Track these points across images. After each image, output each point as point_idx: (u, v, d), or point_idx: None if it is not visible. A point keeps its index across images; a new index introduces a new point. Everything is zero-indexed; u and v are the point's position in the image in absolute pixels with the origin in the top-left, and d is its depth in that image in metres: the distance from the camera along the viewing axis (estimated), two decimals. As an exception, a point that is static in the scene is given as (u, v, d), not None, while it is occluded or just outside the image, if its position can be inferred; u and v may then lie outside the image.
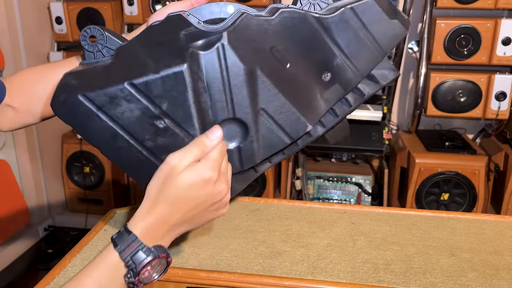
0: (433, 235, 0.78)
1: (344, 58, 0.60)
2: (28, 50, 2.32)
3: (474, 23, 1.99)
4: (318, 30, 0.58)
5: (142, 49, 0.55)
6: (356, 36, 0.59)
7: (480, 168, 2.04)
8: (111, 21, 2.34)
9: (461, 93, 2.06)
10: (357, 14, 0.59)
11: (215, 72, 0.53)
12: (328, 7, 0.60)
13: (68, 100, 0.53)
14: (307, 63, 0.59)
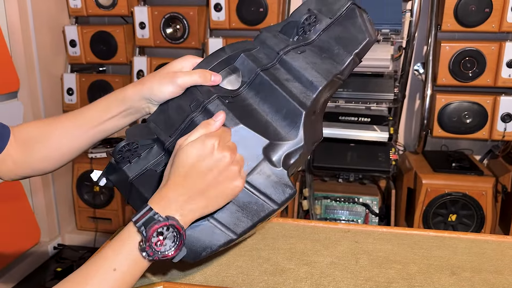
0: (435, 254, 0.79)
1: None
2: (43, 72, 2.38)
3: (479, 46, 2.02)
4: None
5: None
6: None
7: (488, 189, 2.04)
8: (123, 44, 2.41)
9: (467, 114, 2.07)
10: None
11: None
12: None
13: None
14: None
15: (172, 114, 0.69)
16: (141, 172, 0.67)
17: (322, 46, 0.72)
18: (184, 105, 0.68)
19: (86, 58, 2.47)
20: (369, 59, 2.10)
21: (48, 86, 2.44)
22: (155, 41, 2.35)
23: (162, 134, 0.67)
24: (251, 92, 0.69)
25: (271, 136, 0.65)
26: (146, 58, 2.38)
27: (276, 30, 0.76)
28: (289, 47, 0.71)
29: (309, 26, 0.73)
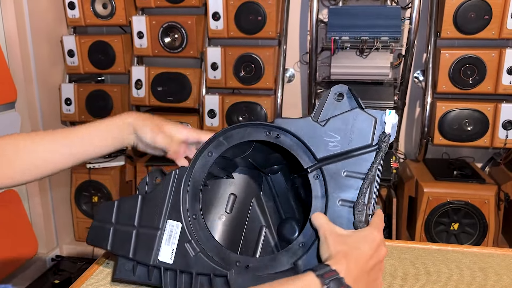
0: (437, 269, 0.77)
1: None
2: (41, 82, 2.37)
3: (479, 53, 2.00)
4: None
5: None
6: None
7: (490, 197, 2.01)
8: (122, 54, 2.39)
9: (467, 122, 2.05)
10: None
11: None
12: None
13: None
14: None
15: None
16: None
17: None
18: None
19: (84, 68, 2.46)
20: (369, 67, 2.10)
21: (46, 97, 2.42)
22: (153, 51, 2.34)
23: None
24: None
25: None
26: (144, 68, 2.36)
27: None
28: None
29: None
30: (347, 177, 0.65)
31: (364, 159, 0.65)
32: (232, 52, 2.24)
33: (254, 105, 2.27)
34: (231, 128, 0.72)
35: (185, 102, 2.35)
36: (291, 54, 2.40)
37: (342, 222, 0.63)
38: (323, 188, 0.66)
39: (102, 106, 2.45)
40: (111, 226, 0.74)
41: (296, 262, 0.65)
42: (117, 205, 0.74)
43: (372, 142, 0.65)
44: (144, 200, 0.73)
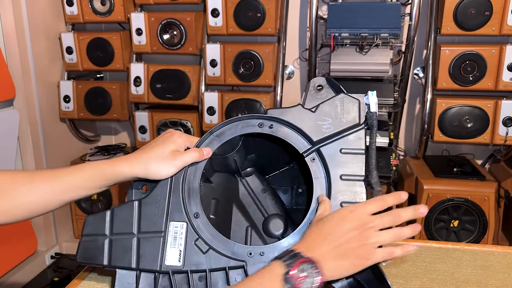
0: (438, 267, 0.77)
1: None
2: (39, 79, 2.36)
3: (479, 49, 1.99)
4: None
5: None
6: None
7: (490, 194, 2.01)
8: (120, 50, 2.38)
9: (468, 118, 2.05)
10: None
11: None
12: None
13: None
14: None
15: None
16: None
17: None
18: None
19: (83, 65, 2.44)
20: (369, 64, 2.09)
21: (44, 94, 2.41)
22: (152, 47, 2.33)
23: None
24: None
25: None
26: (143, 65, 2.35)
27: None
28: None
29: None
30: (344, 154, 0.70)
31: (357, 137, 0.71)
32: (231, 48, 2.23)
33: (254, 102, 2.26)
34: (223, 124, 0.73)
35: (184, 99, 2.35)
36: (291, 50, 2.39)
37: (345, 194, 0.68)
38: (322, 168, 0.70)
39: (101, 103, 2.45)
40: (105, 238, 0.70)
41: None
42: (109, 215, 0.71)
43: (360, 121, 0.71)
44: (140, 206, 0.71)
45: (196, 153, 0.72)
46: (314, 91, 0.74)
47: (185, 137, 0.74)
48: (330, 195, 0.68)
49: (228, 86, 2.36)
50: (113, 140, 2.83)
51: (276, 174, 0.89)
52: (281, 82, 2.26)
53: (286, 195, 0.89)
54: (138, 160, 0.70)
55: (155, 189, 0.71)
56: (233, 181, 0.85)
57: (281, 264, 0.59)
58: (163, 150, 0.71)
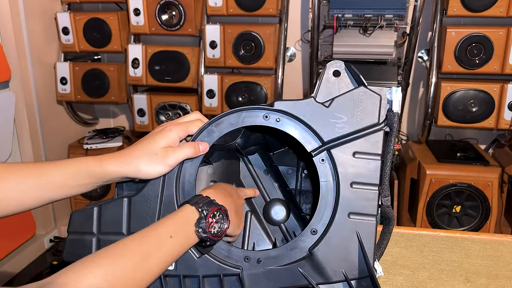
0: (446, 257, 0.74)
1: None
2: (35, 61, 2.31)
3: (486, 31, 1.94)
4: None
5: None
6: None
7: (494, 179, 1.98)
8: (118, 31, 2.33)
9: (472, 103, 2.01)
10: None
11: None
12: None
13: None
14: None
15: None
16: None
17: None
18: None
19: (80, 46, 2.39)
20: (372, 46, 2.04)
21: (41, 76, 2.37)
22: (150, 28, 2.27)
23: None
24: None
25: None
26: (142, 46, 2.30)
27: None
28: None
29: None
30: (357, 159, 0.62)
31: (373, 139, 0.62)
32: (232, 30, 2.17)
33: (254, 85, 2.21)
34: (224, 114, 0.66)
35: (183, 82, 2.30)
36: (292, 32, 2.34)
37: (354, 204, 0.61)
38: (332, 171, 0.63)
39: (99, 85, 2.40)
40: (93, 237, 0.66)
41: (312, 250, 0.62)
42: (97, 212, 0.66)
43: (379, 121, 0.62)
44: (130, 204, 0.66)
45: (191, 148, 0.66)
46: (329, 78, 0.64)
47: (178, 129, 0.66)
48: (338, 203, 0.62)
49: (228, 68, 2.31)
50: (112, 123, 2.79)
51: (282, 151, 0.84)
52: (282, 65, 2.21)
53: (290, 176, 0.83)
54: (126, 159, 0.64)
55: (146, 186, 0.66)
56: (234, 160, 0.80)
57: (194, 210, 0.61)
58: (153, 147, 0.64)
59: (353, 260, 0.61)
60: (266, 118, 0.65)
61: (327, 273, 0.61)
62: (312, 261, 0.61)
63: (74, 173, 0.63)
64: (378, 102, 0.62)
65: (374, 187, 0.61)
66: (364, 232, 0.61)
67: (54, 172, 0.64)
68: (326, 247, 0.61)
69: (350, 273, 0.61)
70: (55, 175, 0.63)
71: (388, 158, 0.61)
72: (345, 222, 0.61)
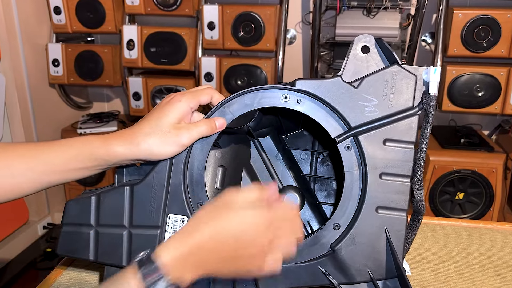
0: (472, 250, 0.69)
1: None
2: (26, 42, 2.22)
3: (494, 13, 1.88)
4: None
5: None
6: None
7: (498, 166, 1.94)
8: (112, 11, 2.24)
9: (478, 87, 1.96)
10: None
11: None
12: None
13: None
14: None
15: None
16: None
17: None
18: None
19: (72, 27, 2.30)
20: (376, 28, 1.97)
21: (32, 57, 2.28)
22: (145, 8, 2.19)
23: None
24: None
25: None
26: (137, 27, 2.22)
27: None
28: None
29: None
30: (388, 147, 0.56)
31: (406, 125, 0.55)
32: (230, 10, 2.10)
33: (254, 68, 2.14)
34: (238, 94, 0.59)
35: (180, 64, 2.22)
36: (293, 13, 2.26)
37: (386, 198, 0.55)
38: (359, 160, 0.57)
39: (92, 68, 2.32)
40: (91, 229, 0.59)
41: (334, 246, 0.56)
42: (95, 202, 0.60)
43: (413, 104, 0.55)
44: (132, 193, 0.59)
45: (207, 126, 0.58)
46: (357, 55, 0.57)
47: (188, 98, 0.58)
48: (365, 195, 0.56)
49: (226, 50, 2.24)
50: (106, 107, 2.71)
51: (295, 134, 0.77)
52: (283, 47, 2.14)
53: (305, 161, 0.77)
54: (135, 139, 0.56)
55: (151, 173, 0.59)
56: (244, 143, 0.74)
57: (136, 275, 0.46)
58: (163, 123, 0.56)
59: (380, 258, 0.55)
60: (285, 99, 0.58)
61: (351, 273, 0.56)
62: (334, 259, 0.56)
63: (76, 155, 0.56)
64: (413, 83, 0.56)
65: (406, 179, 0.55)
66: (393, 228, 0.55)
67: (52, 153, 0.56)
68: (350, 244, 0.56)
69: (376, 273, 0.55)
70: (53, 158, 0.56)
71: (423, 146, 0.55)
72: (372, 217, 0.55)
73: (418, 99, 0.56)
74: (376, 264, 0.55)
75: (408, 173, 0.55)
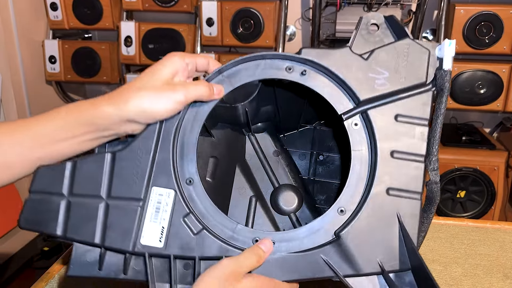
0: (479, 251, 0.67)
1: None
2: (22, 38, 2.20)
3: (496, 9, 1.86)
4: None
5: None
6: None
7: (500, 164, 1.93)
8: (109, 7, 2.22)
9: (480, 84, 1.94)
10: None
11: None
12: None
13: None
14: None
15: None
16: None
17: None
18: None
19: (69, 23, 2.27)
20: (377, 24, 1.95)
21: (28, 54, 2.26)
22: (143, 4, 2.17)
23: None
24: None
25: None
26: (135, 23, 2.19)
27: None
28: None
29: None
30: (401, 123, 0.52)
31: (420, 100, 0.52)
32: (229, 6, 2.07)
33: (253, 65, 2.12)
34: (237, 62, 0.55)
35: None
36: (293, 9, 2.24)
37: (396, 178, 0.51)
38: (367, 138, 0.53)
39: (90, 65, 2.30)
40: (62, 199, 0.52)
41: (339, 233, 0.50)
42: (70, 168, 0.52)
43: (427, 80, 0.52)
44: (114, 161, 0.52)
45: (205, 87, 0.53)
46: (366, 31, 0.54)
47: (184, 53, 0.53)
48: (374, 176, 0.51)
49: (225, 47, 2.21)
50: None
51: (293, 134, 0.74)
52: (282, 44, 2.11)
53: (303, 162, 0.73)
54: (125, 95, 0.50)
55: (137, 139, 0.53)
56: (240, 137, 0.69)
57: None
58: (156, 78, 0.51)
59: (392, 247, 0.50)
60: (289, 70, 0.54)
61: (358, 263, 0.50)
62: (339, 247, 0.50)
63: (64, 121, 0.50)
64: (426, 58, 0.52)
65: (420, 158, 0.51)
66: (406, 213, 0.50)
67: (39, 125, 0.50)
68: (358, 230, 0.50)
69: (387, 264, 0.49)
70: (41, 129, 0.50)
71: (438, 123, 0.51)
72: (383, 200, 0.50)
73: (431, 75, 0.52)
74: (387, 254, 0.50)
75: (422, 151, 0.51)
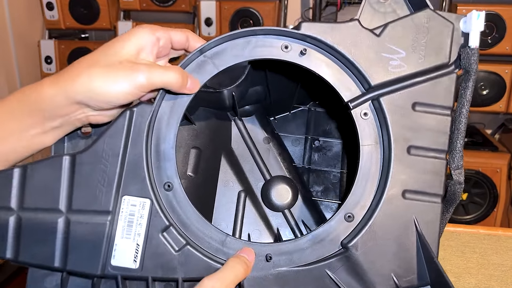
0: (493, 260, 0.64)
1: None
2: (17, 38, 2.18)
3: (499, 9, 1.84)
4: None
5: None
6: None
7: (502, 166, 1.90)
8: (106, 7, 2.20)
9: (483, 85, 1.92)
10: None
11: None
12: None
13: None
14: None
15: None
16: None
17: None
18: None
19: (65, 23, 2.25)
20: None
21: (24, 54, 2.23)
22: (141, 4, 2.15)
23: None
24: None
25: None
26: (132, 23, 2.18)
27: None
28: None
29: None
30: (420, 113, 0.44)
31: (442, 86, 0.43)
32: (228, 6, 2.05)
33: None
34: (223, 39, 0.45)
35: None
36: (292, 9, 2.21)
37: (413, 177, 0.43)
38: (379, 131, 0.45)
39: (86, 65, 2.27)
40: (10, 214, 0.42)
41: (346, 243, 0.43)
42: (19, 176, 0.42)
43: (450, 60, 0.44)
44: (74, 165, 0.43)
45: (177, 74, 0.42)
46: (376, 2, 0.45)
47: (156, 27, 0.43)
48: (388, 176, 0.43)
49: (224, 47, 2.19)
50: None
51: (286, 117, 0.64)
52: (282, 44, 2.09)
53: (297, 149, 0.64)
54: (70, 73, 0.40)
55: (101, 137, 0.43)
56: (224, 122, 0.60)
57: None
58: (113, 53, 0.40)
59: (408, 259, 0.43)
60: (286, 49, 0.45)
61: (369, 278, 0.43)
62: (346, 260, 0.43)
63: (9, 108, 0.42)
64: (449, 33, 0.44)
65: (441, 155, 0.43)
66: (425, 219, 0.43)
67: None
68: (368, 240, 0.43)
69: (403, 278, 0.43)
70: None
71: (463, 112, 0.43)
72: (398, 204, 0.43)
73: (454, 54, 0.44)
74: (403, 267, 0.43)
75: (444, 146, 0.44)
